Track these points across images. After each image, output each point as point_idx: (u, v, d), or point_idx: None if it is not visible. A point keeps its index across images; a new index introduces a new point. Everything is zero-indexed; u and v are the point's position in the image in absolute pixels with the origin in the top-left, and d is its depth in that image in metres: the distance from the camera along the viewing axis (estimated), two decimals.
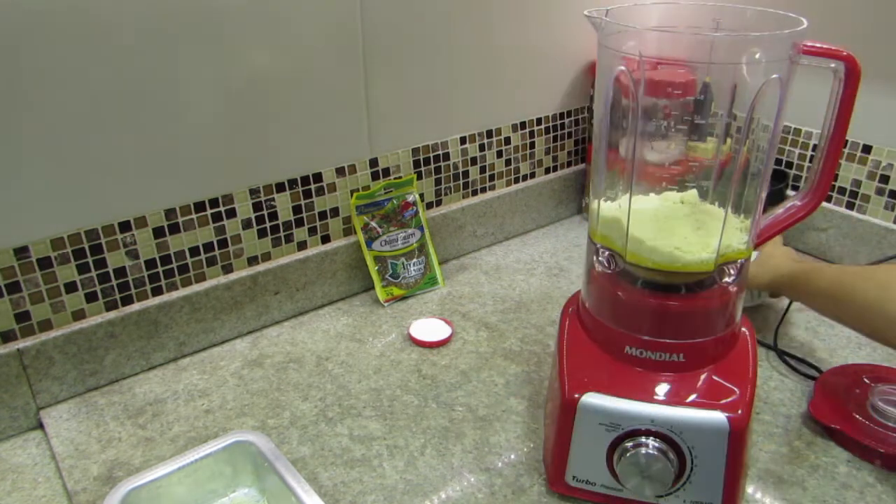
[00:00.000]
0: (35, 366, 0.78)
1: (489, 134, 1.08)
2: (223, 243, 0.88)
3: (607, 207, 0.66)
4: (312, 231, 0.96)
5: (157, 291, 0.85)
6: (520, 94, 1.09)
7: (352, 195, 0.96)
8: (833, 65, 0.59)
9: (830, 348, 0.88)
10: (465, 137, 1.06)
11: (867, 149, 1.01)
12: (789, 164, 1.11)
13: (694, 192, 0.64)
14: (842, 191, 1.05)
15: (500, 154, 1.11)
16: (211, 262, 0.88)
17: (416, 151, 1.01)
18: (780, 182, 1.07)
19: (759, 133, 0.60)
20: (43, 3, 0.68)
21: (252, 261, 0.92)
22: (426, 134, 1.02)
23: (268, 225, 0.91)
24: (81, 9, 0.70)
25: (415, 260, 1.01)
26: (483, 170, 1.10)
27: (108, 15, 0.72)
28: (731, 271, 0.63)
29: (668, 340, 0.62)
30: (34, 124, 0.72)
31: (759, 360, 0.66)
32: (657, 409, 0.60)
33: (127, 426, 0.77)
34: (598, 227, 0.66)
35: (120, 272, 0.82)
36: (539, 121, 1.14)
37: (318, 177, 0.93)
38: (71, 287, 0.79)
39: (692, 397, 0.61)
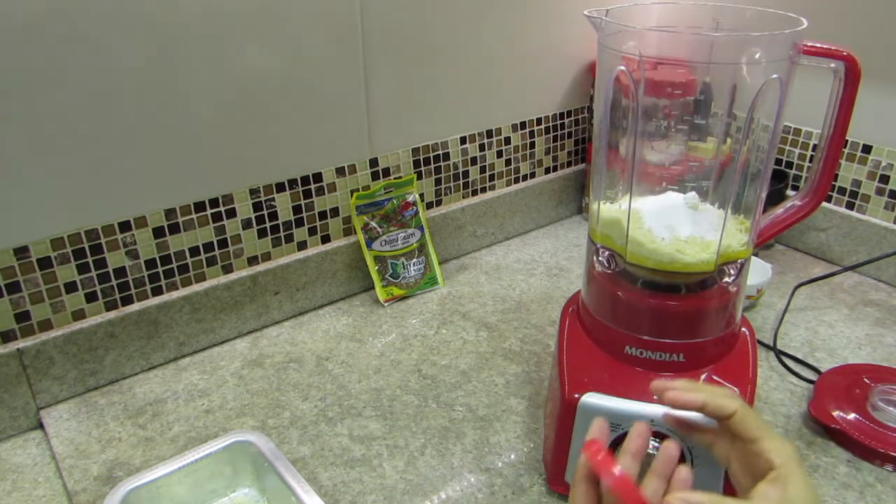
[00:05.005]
0: (35, 366, 0.78)
1: (489, 134, 1.08)
2: (223, 243, 0.88)
3: (607, 208, 0.66)
4: (312, 231, 0.96)
5: (157, 291, 0.85)
6: (520, 94, 1.09)
7: (352, 195, 0.96)
8: (833, 65, 0.59)
9: (830, 348, 0.88)
10: (465, 137, 1.06)
11: (867, 149, 1.01)
12: (789, 164, 1.11)
13: (694, 192, 0.64)
14: (842, 191, 1.05)
15: (500, 154, 1.11)
16: (211, 262, 0.88)
17: (416, 151, 1.01)
18: (780, 182, 1.07)
19: (759, 133, 0.60)
20: (43, 3, 0.68)
21: (252, 261, 0.92)
22: (426, 134, 1.02)
23: (268, 225, 0.91)
24: (82, 9, 0.70)
25: (415, 260, 1.01)
26: (483, 170, 1.10)
27: (108, 15, 0.72)
28: (731, 271, 0.63)
29: (667, 340, 0.62)
30: (34, 124, 0.72)
31: (759, 360, 0.66)
32: (657, 409, 0.60)
33: (127, 426, 0.77)
34: (598, 227, 0.66)
35: (120, 272, 0.82)
36: (539, 121, 1.14)
37: (318, 177, 0.93)
38: (71, 287, 0.79)
39: None
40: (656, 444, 0.60)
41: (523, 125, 1.12)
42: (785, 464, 0.47)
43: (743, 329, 0.68)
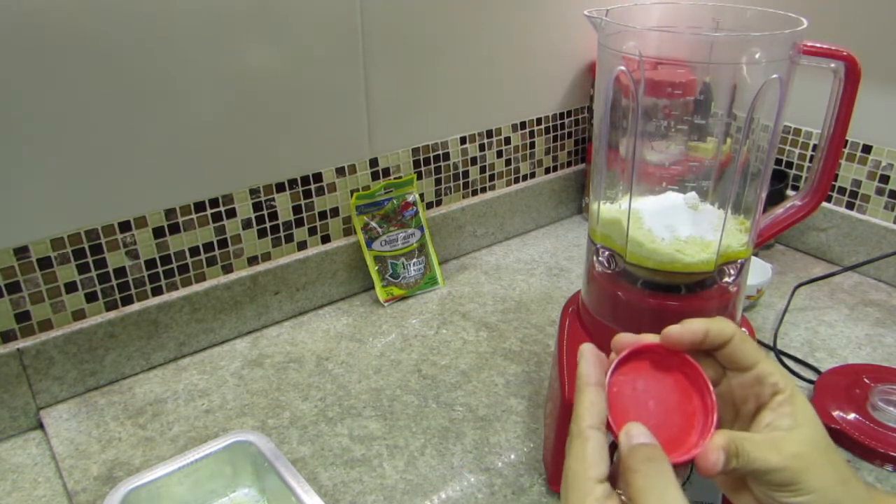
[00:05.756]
0: (35, 366, 0.78)
1: (489, 134, 1.08)
2: (223, 243, 0.88)
3: (607, 208, 0.66)
4: (312, 231, 0.96)
5: (157, 291, 0.85)
6: (520, 94, 1.09)
7: (352, 195, 0.96)
8: (833, 65, 0.59)
9: (830, 348, 0.88)
10: (465, 137, 1.06)
11: (867, 149, 1.01)
12: (789, 164, 1.11)
13: (694, 192, 0.64)
14: (842, 191, 1.05)
15: (500, 154, 1.11)
16: (211, 262, 0.88)
17: (416, 151, 1.01)
18: (780, 182, 1.07)
19: (759, 133, 0.60)
20: (43, 3, 0.68)
21: (252, 261, 0.92)
22: (426, 134, 1.02)
23: (268, 225, 0.91)
24: (81, 9, 0.70)
25: (415, 260, 1.01)
26: (483, 170, 1.10)
27: (108, 15, 0.72)
28: (731, 271, 0.63)
29: None
30: (34, 124, 0.72)
31: None
32: None
33: (127, 426, 0.77)
34: (598, 227, 0.66)
35: (120, 272, 0.82)
36: (539, 121, 1.14)
37: (318, 177, 0.93)
38: (71, 287, 0.79)
39: None
40: None
41: (523, 125, 1.12)
42: (790, 386, 0.43)
43: (743, 329, 0.68)
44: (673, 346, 0.43)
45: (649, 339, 0.44)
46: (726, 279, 0.63)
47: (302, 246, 0.96)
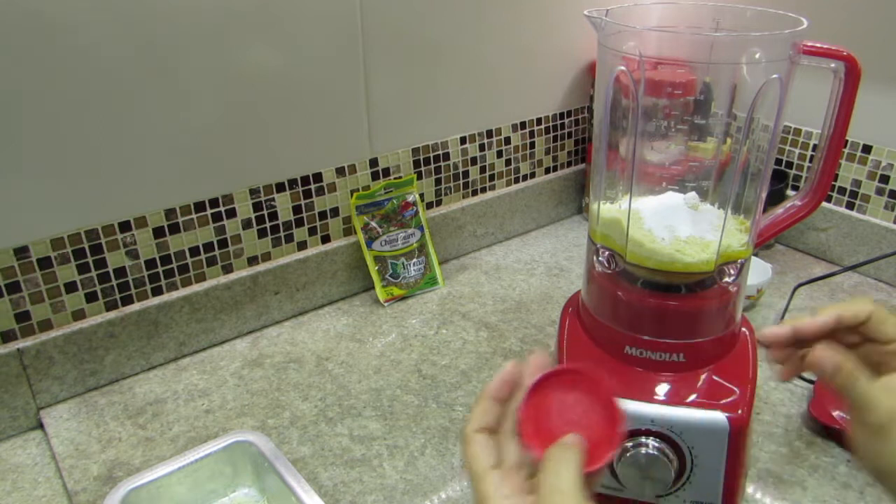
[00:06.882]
0: (35, 366, 0.78)
1: (489, 134, 1.08)
2: (223, 243, 0.88)
3: (607, 208, 0.66)
4: (312, 231, 0.96)
5: (157, 291, 0.85)
6: (520, 94, 1.09)
7: (352, 195, 0.96)
8: (833, 65, 0.59)
9: None
10: (465, 137, 1.06)
11: (867, 149, 1.01)
12: (789, 164, 1.11)
13: (694, 192, 0.64)
14: (842, 191, 1.05)
15: (500, 154, 1.11)
16: (211, 262, 0.88)
17: (416, 151, 1.01)
18: (780, 182, 1.07)
19: (759, 133, 0.60)
20: (43, 3, 0.68)
21: (252, 261, 0.92)
22: (426, 134, 1.02)
23: (268, 225, 0.91)
24: (81, 9, 0.70)
25: (415, 260, 1.01)
26: (483, 170, 1.10)
27: (108, 15, 0.72)
28: (731, 271, 0.63)
29: (668, 340, 0.62)
30: (34, 124, 0.72)
31: (759, 360, 0.66)
32: (657, 409, 0.60)
33: (127, 426, 0.77)
34: (598, 227, 0.66)
35: (120, 272, 0.82)
36: (539, 121, 1.14)
37: (318, 177, 0.93)
38: (71, 287, 0.79)
39: (692, 397, 0.61)
40: (657, 445, 0.60)
41: (523, 125, 1.12)
42: None
43: (743, 329, 0.68)
44: (815, 333, 0.49)
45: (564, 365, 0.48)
46: (726, 279, 0.63)
47: (302, 246, 0.96)
